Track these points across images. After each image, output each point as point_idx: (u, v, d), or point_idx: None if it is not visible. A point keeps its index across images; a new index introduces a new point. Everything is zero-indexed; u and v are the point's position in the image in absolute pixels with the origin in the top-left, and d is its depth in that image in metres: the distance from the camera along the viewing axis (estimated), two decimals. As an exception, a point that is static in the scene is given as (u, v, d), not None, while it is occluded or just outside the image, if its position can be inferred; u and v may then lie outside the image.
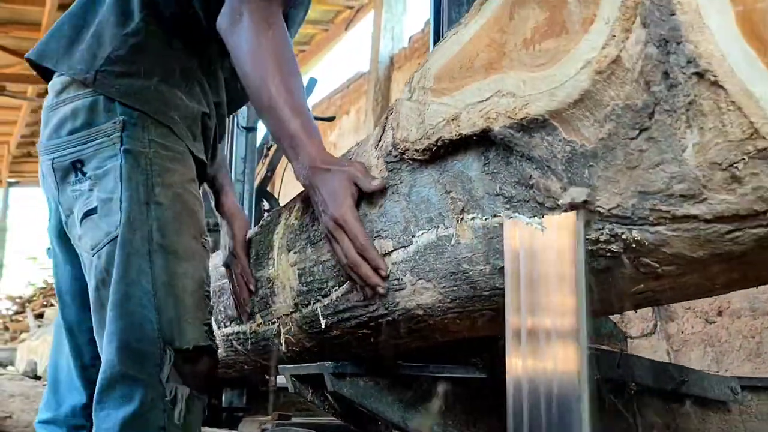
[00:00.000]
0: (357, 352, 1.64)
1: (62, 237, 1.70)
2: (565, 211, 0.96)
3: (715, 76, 0.75)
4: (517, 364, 0.99)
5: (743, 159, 0.77)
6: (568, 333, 0.91)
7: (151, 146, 1.56)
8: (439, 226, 1.21)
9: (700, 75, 0.76)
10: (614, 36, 0.82)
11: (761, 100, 0.76)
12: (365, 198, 1.37)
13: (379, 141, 1.35)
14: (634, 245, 0.91)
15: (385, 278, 1.32)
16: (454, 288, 1.23)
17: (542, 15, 0.94)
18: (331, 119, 6.27)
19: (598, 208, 0.92)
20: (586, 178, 0.91)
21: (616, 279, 1.00)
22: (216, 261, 2.08)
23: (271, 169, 4.42)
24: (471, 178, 1.12)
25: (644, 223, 0.89)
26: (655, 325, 4.38)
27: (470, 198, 1.13)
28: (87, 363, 1.73)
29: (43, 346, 5.22)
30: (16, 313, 14.26)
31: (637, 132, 0.84)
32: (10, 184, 17.35)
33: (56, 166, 1.61)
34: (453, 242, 1.18)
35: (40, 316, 11.79)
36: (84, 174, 1.57)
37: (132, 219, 1.52)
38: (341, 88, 11.35)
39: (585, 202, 0.92)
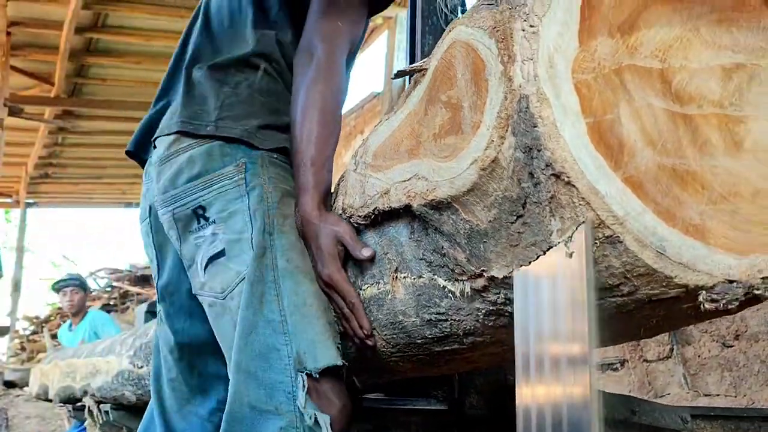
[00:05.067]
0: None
1: (176, 292, 1.74)
2: (470, 279, 1.13)
3: (568, 177, 0.92)
4: (526, 392, 1.02)
5: (595, 243, 0.94)
6: (578, 358, 0.95)
7: (269, 182, 1.58)
8: (379, 282, 1.39)
9: (556, 176, 0.93)
10: (493, 141, 0.99)
11: (606, 197, 0.93)
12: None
13: (333, 204, 1.53)
14: (524, 308, 1.08)
15: (369, 336, 1.45)
16: (394, 336, 1.40)
17: (447, 114, 1.11)
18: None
19: (494, 276, 1.09)
20: (482, 251, 1.08)
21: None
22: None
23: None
24: (402, 243, 1.30)
25: (530, 290, 1.06)
26: (672, 349, 4.37)
27: (402, 260, 1.31)
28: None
29: (54, 370, 5.38)
30: (33, 333, 14.45)
31: (514, 218, 1.01)
32: (28, 205, 17.57)
33: (177, 216, 1.61)
34: (390, 297, 1.36)
35: (56, 336, 11.97)
36: (207, 219, 1.57)
37: (259, 250, 1.51)
38: (355, 108, 11.47)
39: (482, 271, 1.09)
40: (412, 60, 2.48)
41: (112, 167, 15.35)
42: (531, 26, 0.95)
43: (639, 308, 1.00)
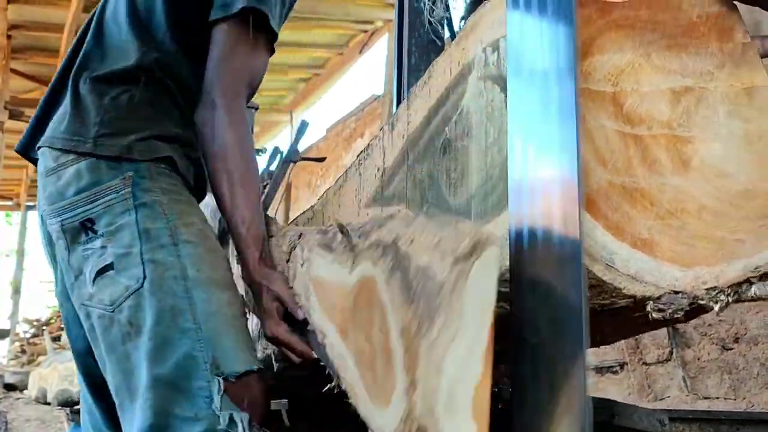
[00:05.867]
0: (308, 392, 1.85)
1: (70, 299, 1.70)
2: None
3: None
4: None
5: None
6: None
7: (163, 194, 1.58)
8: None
9: None
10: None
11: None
12: None
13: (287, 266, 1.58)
14: None
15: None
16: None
17: (366, 346, 1.10)
18: (321, 160, 6.53)
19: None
20: None
21: None
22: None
23: (265, 208, 4.65)
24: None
25: None
26: (671, 352, 4.38)
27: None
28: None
29: (53, 374, 5.44)
30: (34, 336, 14.47)
31: None
32: (29, 208, 17.59)
33: (66, 228, 1.60)
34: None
35: (57, 339, 11.97)
36: (95, 232, 1.57)
37: (159, 265, 1.52)
38: (356, 111, 11.48)
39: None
40: (400, 71, 2.54)
41: (112, 170, 15.35)
42: None
43: (592, 317, 1.06)
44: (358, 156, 1.56)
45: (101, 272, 1.56)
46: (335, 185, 1.64)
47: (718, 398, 4.08)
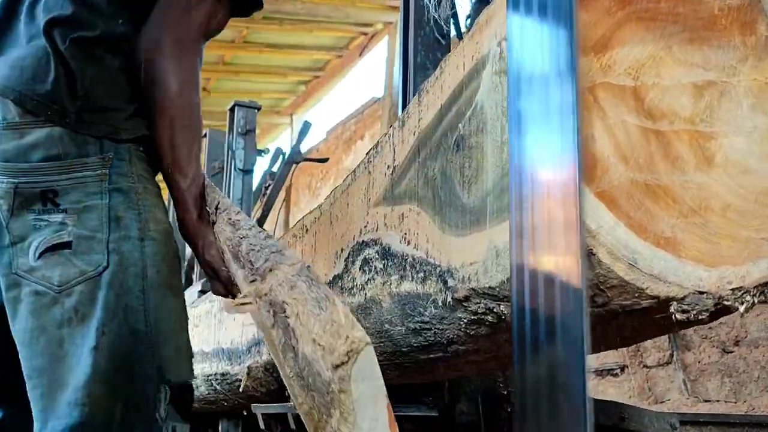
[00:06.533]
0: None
1: None
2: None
3: None
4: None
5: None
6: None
7: (139, 181, 1.51)
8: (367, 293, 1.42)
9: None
10: None
11: (579, 211, 0.95)
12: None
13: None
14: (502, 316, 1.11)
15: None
16: (380, 344, 1.43)
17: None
18: (324, 161, 6.52)
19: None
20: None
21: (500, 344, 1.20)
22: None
23: (267, 209, 4.65)
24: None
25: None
26: (672, 355, 4.38)
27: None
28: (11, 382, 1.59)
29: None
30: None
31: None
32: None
33: (20, 191, 1.47)
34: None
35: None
36: (56, 205, 1.46)
37: (124, 258, 1.45)
38: (356, 113, 11.45)
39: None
40: (405, 70, 2.52)
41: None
42: None
43: (613, 318, 1.03)
44: (367, 153, 1.53)
45: (53, 249, 1.46)
46: (343, 184, 1.61)
47: (718, 401, 4.07)
